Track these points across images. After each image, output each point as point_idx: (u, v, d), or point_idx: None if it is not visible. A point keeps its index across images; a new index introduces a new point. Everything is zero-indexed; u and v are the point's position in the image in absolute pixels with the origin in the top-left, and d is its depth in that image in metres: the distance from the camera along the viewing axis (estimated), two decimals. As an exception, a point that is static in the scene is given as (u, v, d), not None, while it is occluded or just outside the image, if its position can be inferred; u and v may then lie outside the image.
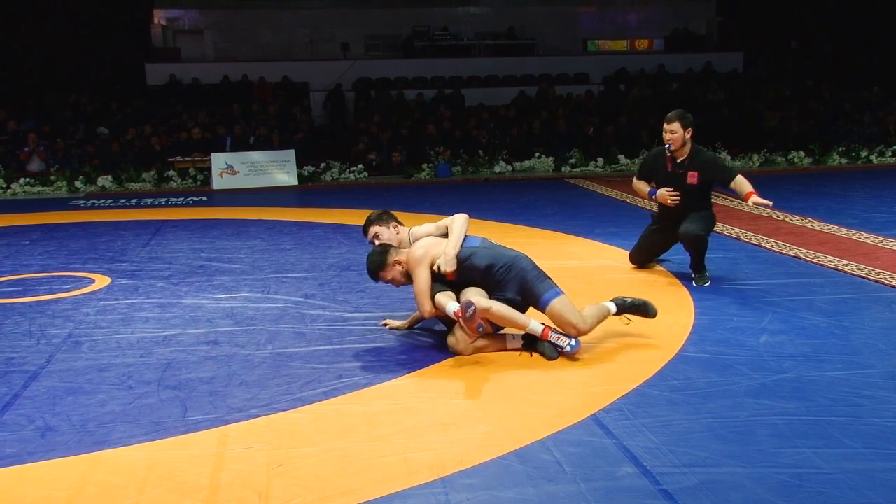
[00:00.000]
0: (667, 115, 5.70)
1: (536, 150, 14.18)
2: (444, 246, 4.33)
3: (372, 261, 4.39)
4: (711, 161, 5.78)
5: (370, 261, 4.40)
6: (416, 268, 4.28)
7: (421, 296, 4.27)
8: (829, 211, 8.77)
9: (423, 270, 4.27)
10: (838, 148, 14.35)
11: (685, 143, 5.66)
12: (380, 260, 4.38)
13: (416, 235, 4.55)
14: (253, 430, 3.39)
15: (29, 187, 12.45)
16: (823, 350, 4.24)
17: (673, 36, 20.55)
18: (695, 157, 5.70)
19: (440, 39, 19.57)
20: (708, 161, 5.73)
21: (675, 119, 5.63)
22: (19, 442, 3.29)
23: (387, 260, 4.36)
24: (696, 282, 5.68)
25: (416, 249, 4.34)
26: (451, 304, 4.19)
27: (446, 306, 4.21)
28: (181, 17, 19.69)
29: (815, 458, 3.01)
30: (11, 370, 4.18)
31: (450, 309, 4.18)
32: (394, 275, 4.37)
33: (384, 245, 4.46)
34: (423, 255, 4.29)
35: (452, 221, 4.48)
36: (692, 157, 5.70)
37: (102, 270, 6.57)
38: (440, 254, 4.30)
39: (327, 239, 7.88)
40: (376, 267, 4.38)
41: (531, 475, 2.94)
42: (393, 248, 4.42)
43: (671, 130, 5.63)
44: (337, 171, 13.37)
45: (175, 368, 4.15)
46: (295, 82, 17.65)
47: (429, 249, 4.33)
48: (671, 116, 5.67)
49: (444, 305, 4.22)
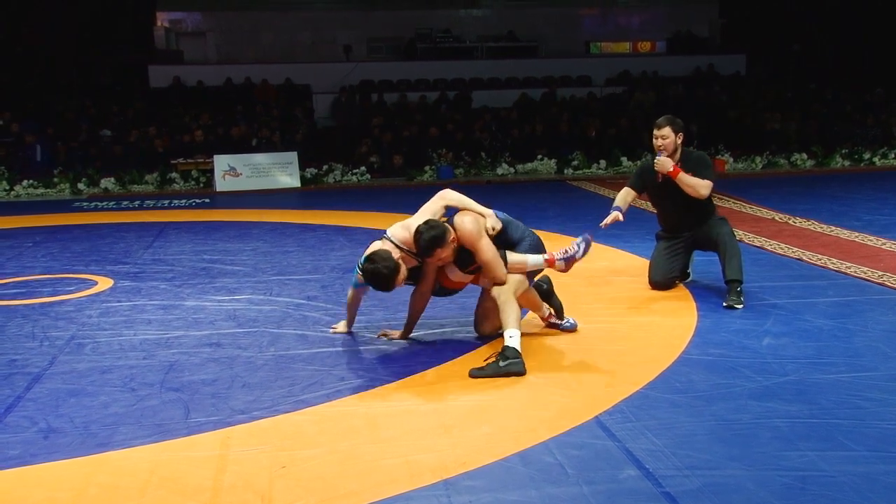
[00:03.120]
0: (657, 121, 5.46)
1: (539, 152, 14.19)
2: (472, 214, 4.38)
3: (432, 236, 4.16)
4: (700, 161, 5.51)
5: (429, 237, 4.15)
6: (478, 239, 4.24)
7: (495, 263, 4.25)
8: (832, 213, 8.76)
9: (485, 240, 4.26)
10: (841, 150, 14.34)
11: (676, 148, 5.42)
12: (441, 235, 4.18)
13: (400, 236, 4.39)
14: (255, 433, 3.38)
15: (32, 189, 12.48)
16: (826, 353, 4.23)
17: (675, 38, 20.55)
18: (685, 161, 5.45)
19: (442, 42, 19.59)
20: (697, 161, 5.47)
21: (665, 124, 5.39)
22: (22, 444, 3.29)
23: (446, 237, 4.21)
24: (730, 301, 5.11)
25: (465, 224, 4.27)
26: (533, 258, 4.36)
27: (527, 261, 4.32)
28: (184, 19, 19.73)
29: (819, 461, 3.00)
30: (14, 372, 4.18)
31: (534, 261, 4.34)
32: (447, 252, 4.26)
33: (435, 221, 4.31)
34: (477, 226, 4.28)
35: (449, 198, 4.51)
36: (683, 161, 5.43)
37: (105, 272, 6.58)
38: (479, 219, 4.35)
39: (330, 241, 7.88)
40: (436, 242, 4.16)
41: (534, 477, 2.94)
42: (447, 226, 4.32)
43: (662, 136, 5.38)
44: (339, 173, 13.39)
45: (177, 370, 4.15)
46: (297, 84, 17.67)
47: (476, 219, 4.33)
48: (661, 122, 5.42)
49: (526, 260, 4.32)
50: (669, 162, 5.33)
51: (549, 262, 4.40)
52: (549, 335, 4.64)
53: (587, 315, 5.01)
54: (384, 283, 4.23)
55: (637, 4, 21.37)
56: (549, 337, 4.61)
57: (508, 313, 4.14)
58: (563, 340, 4.55)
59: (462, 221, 4.30)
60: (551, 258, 4.40)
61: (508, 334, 4.06)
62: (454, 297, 4.82)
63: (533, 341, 4.50)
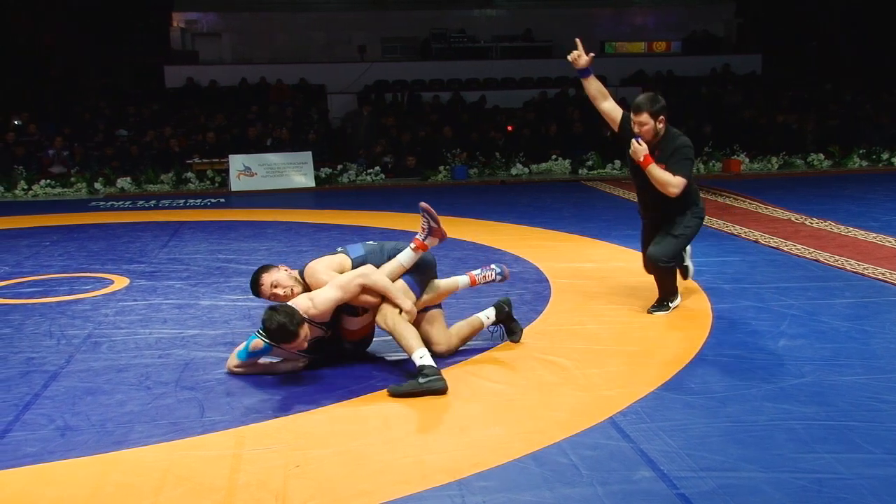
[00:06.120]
0: (634, 102, 4.77)
1: (553, 152, 14.16)
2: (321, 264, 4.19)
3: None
4: (679, 151, 4.76)
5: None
6: (341, 286, 4.00)
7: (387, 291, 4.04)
8: (849, 214, 8.69)
9: (343, 278, 4.04)
10: (858, 150, 14.22)
11: (657, 133, 4.75)
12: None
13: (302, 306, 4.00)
14: (269, 432, 3.40)
15: (49, 189, 12.59)
16: (843, 354, 4.19)
17: (691, 38, 20.45)
18: (664, 146, 4.75)
19: (457, 42, 19.57)
20: (675, 151, 4.75)
21: (644, 108, 4.68)
22: (40, 441, 3.32)
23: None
24: (651, 309, 5.01)
25: (317, 274, 4.13)
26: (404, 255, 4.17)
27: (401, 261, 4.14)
28: (200, 20, 19.81)
29: (836, 464, 2.98)
30: (32, 370, 4.22)
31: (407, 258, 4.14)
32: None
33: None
34: (328, 275, 4.10)
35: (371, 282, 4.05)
36: (662, 147, 4.75)
37: (121, 271, 6.62)
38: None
39: (344, 241, 7.83)
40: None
41: (547, 478, 2.93)
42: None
43: (640, 122, 4.70)
44: (354, 173, 13.42)
45: (192, 369, 4.17)
46: (312, 84, 17.73)
47: (325, 267, 4.17)
48: (640, 104, 4.70)
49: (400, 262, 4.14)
50: (642, 151, 4.70)
51: (421, 246, 4.17)
52: (563, 336, 4.63)
53: (601, 315, 5.00)
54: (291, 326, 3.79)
55: (652, 4, 21.27)
56: (562, 337, 4.60)
57: (406, 336, 3.91)
58: (577, 341, 4.53)
59: (314, 272, 4.11)
60: (418, 242, 4.17)
61: (418, 355, 3.83)
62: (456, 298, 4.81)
63: (545, 342, 4.50)
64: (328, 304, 3.97)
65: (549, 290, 5.73)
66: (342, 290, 3.99)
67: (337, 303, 4.00)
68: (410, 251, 4.20)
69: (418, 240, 4.21)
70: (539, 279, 6.05)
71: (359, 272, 4.06)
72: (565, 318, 5.00)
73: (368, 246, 4.36)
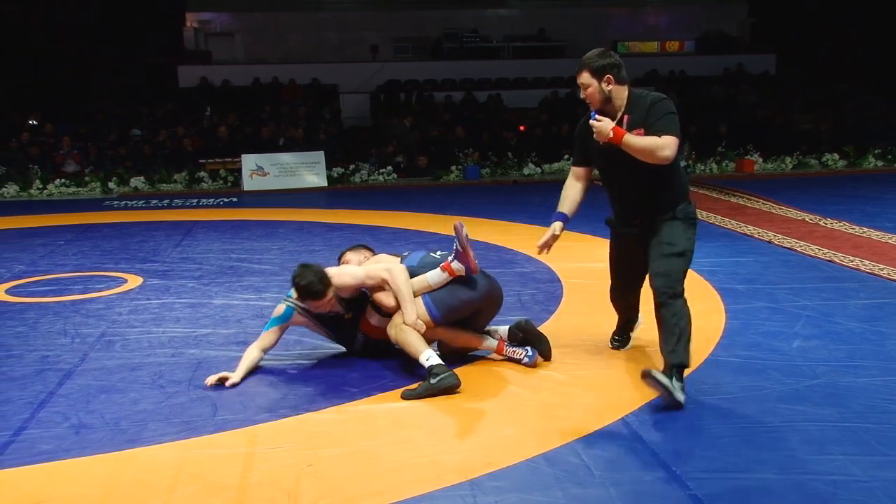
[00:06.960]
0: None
1: (565, 152, 14.12)
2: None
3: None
4: (657, 109, 3.69)
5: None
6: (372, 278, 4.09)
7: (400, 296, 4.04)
8: (864, 214, 8.63)
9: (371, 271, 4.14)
10: (874, 150, 14.12)
11: (607, 96, 3.73)
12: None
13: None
14: (282, 431, 3.41)
15: (64, 188, 12.69)
16: (858, 355, 4.17)
17: (704, 37, 20.36)
18: (633, 110, 3.72)
19: (469, 41, 19.57)
20: (652, 111, 3.69)
21: (583, 68, 3.73)
22: (54, 439, 3.34)
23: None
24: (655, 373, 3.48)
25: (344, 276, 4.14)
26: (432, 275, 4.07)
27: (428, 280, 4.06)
28: (213, 20, 19.90)
29: (850, 466, 2.95)
30: (47, 368, 4.24)
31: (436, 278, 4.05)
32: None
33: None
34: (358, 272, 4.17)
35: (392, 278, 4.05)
36: (631, 111, 3.72)
37: (135, 270, 6.66)
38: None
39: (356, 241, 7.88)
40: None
41: (559, 478, 2.92)
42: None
43: (583, 85, 3.75)
44: (366, 172, 13.44)
45: (205, 368, 4.19)
46: (324, 84, 17.77)
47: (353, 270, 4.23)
48: (581, 62, 3.76)
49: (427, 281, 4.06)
50: (608, 124, 3.64)
51: (448, 270, 4.07)
52: (575, 336, 4.62)
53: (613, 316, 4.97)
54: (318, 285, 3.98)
55: (666, 4, 21.20)
56: (574, 337, 4.59)
57: (411, 342, 3.92)
58: (588, 342, 4.52)
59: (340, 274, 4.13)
60: (447, 266, 4.06)
61: (424, 357, 3.84)
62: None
63: (557, 342, 4.48)
64: (351, 279, 4.12)
65: (562, 289, 5.72)
66: (366, 273, 4.13)
67: (359, 282, 4.13)
68: (439, 271, 4.11)
69: (447, 262, 4.10)
70: (551, 279, 6.04)
71: (388, 266, 4.13)
72: (577, 319, 4.99)
73: (428, 258, 4.25)
